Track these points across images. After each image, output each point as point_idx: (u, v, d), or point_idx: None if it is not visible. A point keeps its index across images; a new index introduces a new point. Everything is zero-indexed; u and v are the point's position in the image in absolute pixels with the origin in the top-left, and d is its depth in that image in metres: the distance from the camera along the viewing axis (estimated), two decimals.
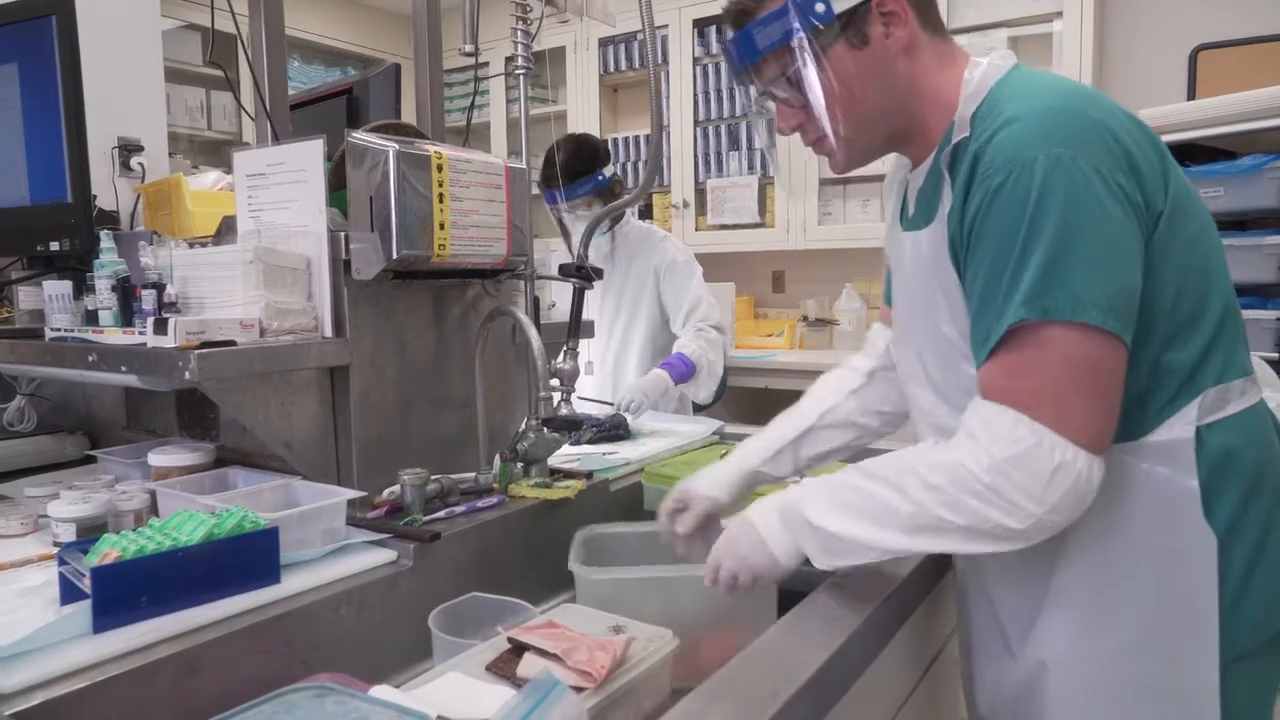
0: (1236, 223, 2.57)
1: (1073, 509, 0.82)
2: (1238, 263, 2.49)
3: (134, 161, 2.05)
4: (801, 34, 0.93)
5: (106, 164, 1.99)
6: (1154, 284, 0.86)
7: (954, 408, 0.95)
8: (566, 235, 2.32)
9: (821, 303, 3.78)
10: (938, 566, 1.10)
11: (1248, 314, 1.93)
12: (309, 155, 1.14)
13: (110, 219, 1.81)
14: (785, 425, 1.22)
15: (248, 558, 0.92)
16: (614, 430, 1.72)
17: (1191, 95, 3.06)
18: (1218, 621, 0.87)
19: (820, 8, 0.92)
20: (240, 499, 1.06)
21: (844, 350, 3.67)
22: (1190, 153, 2.60)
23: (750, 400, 3.52)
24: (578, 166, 2.17)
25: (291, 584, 0.96)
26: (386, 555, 1.06)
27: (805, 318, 3.78)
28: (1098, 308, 0.80)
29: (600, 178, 2.22)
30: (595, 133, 4.12)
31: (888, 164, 1.12)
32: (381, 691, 0.70)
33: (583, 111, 4.20)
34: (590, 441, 1.66)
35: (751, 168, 3.77)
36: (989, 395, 0.84)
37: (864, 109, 0.95)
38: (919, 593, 1.08)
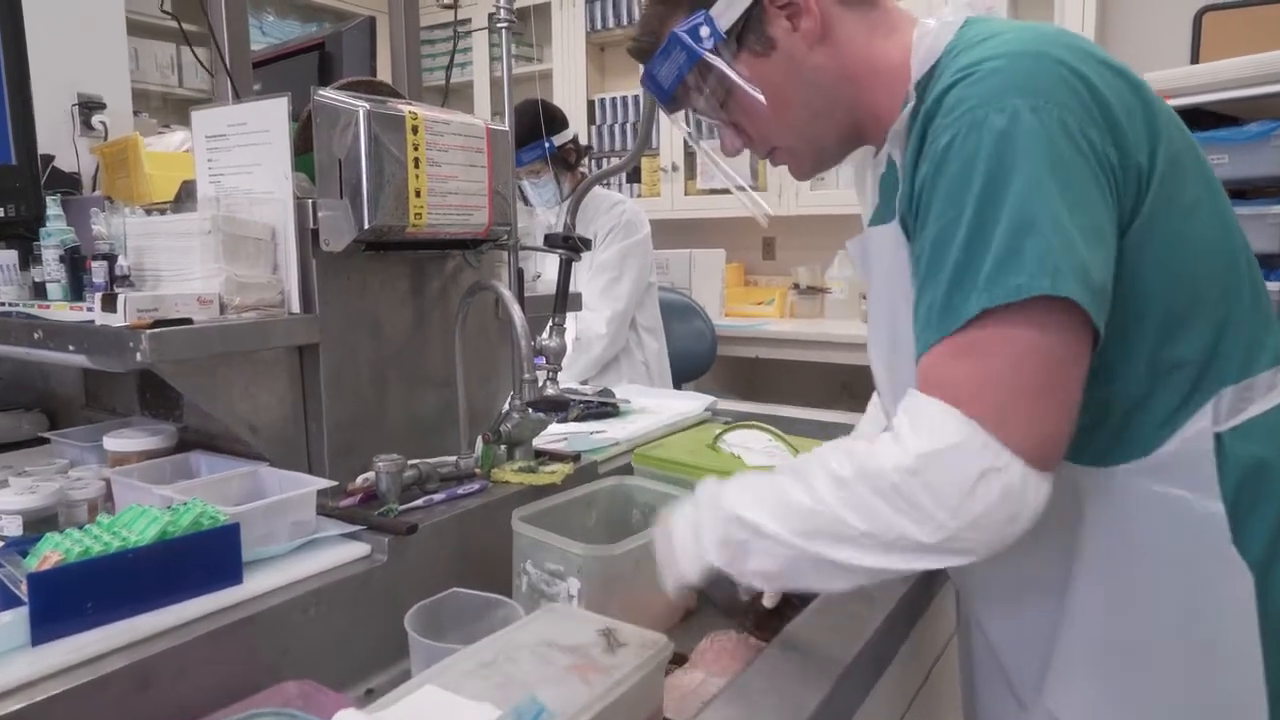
0: (1239, 191, 2.51)
1: (998, 531, 0.68)
2: None
3: (95, 120, 1.93)
4: (699, 61, 0.86)
5: (66, 123, 1.88)
6: (1140, 261, 0.74)
7: None
8: (528, 204, 2.25)
9: (813, 270, 3.71)
10: (926, 588, 1.02)
11: None
12: (272, 115, 1.05)
13: (71, 181, 1.71)
14: None
15: (206, 557, 0.85)
16: (601, 407, 1.65)
17: (1196, 59, 2.97)
18: (1262, 672, 0.74)
19: (705, 31, 0.85)
20: (201, 489, 0.99)
21: (835, 319, 3.61)
22: (1194, 118, 2.52)
23: (741, 370, 3.46)
24: (520, 133, 2.11)
25: (255, 583, 0.88)
26: (359, 549, 0.99)
27: (796, 285, 3.71)
28: (1068, 279, 0.66)
29: (547, 145, 2.15)
30: (581, 93, 4.01)
31: None
32: (346, 718, 0.63)
33: (568, 71, 4.07)
34: (577, 419, 1.59)
35: None
36: (925, 385, 0.72)
37: (791, 116, 0.87)
38: (908, 620, 0.99)
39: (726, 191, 3.92)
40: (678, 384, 2.77)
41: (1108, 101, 0.72)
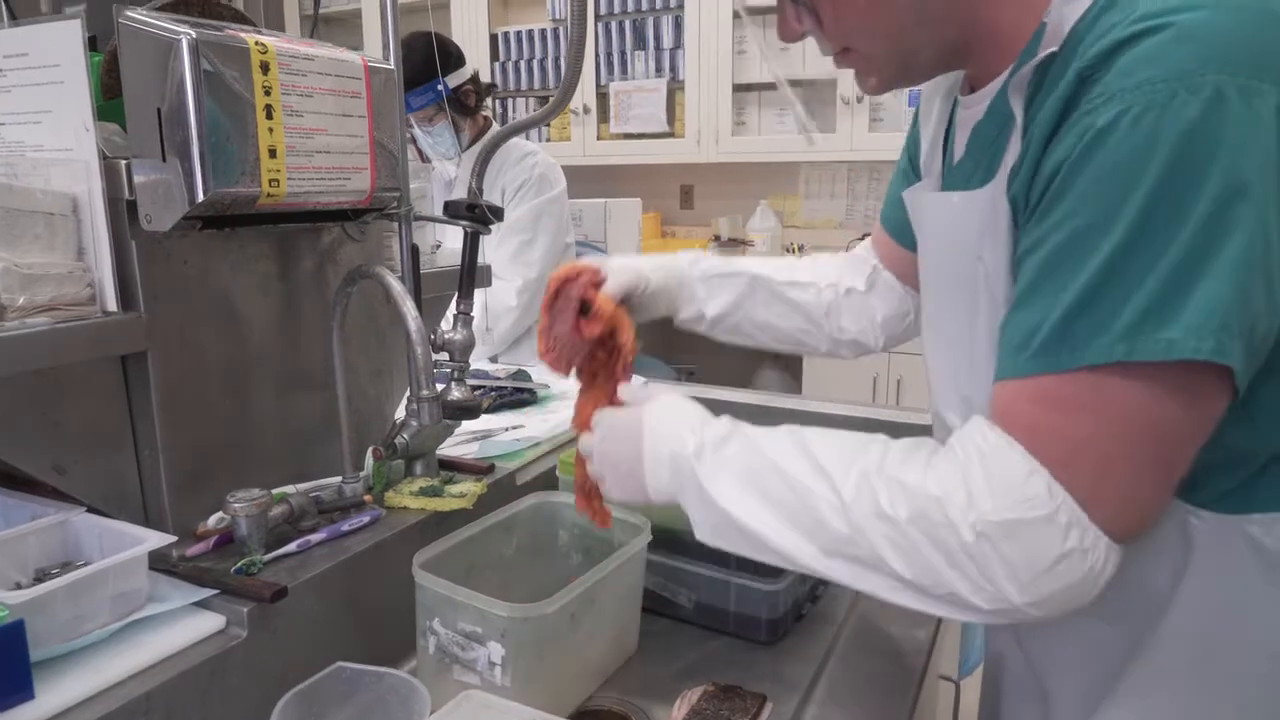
0: None
1: (1062, 607, 0.58)
2: None
3: None
4: None
5: None
6: None
7: None
8: (422, 157, 1.97)
9: (734, 221, 3.53)
10: None
11: None
12: (64, 43, 0.78)
13: None
14: (745, 260, 1.00)
15: None
16: (517, 393, 1.43)
17: None
18: None
19: None
20: None
21: None
22: None
23: (661, 330, 3.26)
24: (408, 73, 1.82)
25: (56, 694, 0.65)
26: (210, 623, 0.76)
27: (717, 237, 3.52)
28: (1234, 341, 0.52)
29: (440, 86, 1.87)
30: (483, 27, 3.66)
31: None
32: None
33: (467, 1, 3.71)
34: (489, 410, 1.37)
35: (659, 70, 3.41)
36: (1005, 423, 0.59)
37: (890, 16, 0.66)
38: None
39: (642, 136, 3.66)
40: None
41: None
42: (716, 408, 0.74)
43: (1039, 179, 0.58)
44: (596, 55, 3.48)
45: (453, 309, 1.07)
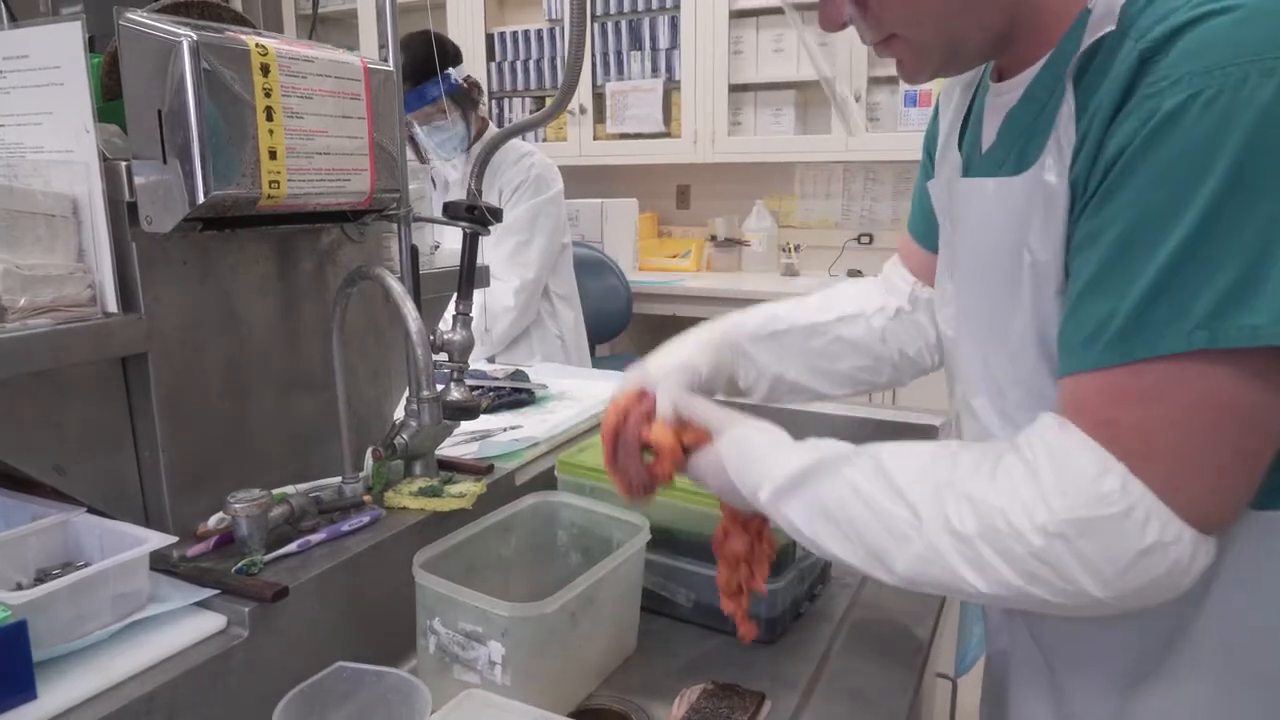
0: None
1: (1151, 600, 0.57)
2: None
3: None
4: None
5: None
6: None
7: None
8: (420, 154, 1.97)
9: (730, 221, 3.53)
10: None
11: None
12: (64, 45, 0.78)
13: None
14: (785, 309, 0.96)
15: None
16: (515, 394, 1.43)
17: None
18: None
19: None
20: None
21: (753, 273, 3.46)
22: None
23: (658, 330, 3.27)
24: (412, 70, 1.83)
25: (58, 693, 0.65)
26: (211, 623, 0.76)
27: (714, 237, 3.53)
28: None
29: (449, 81, 1.88)
30: (479, 27, 3.67)
31: None
32: None
33: (464, 2, 3.71)
34: (488, 410, 1.38)
35: (655, 70, 3.42)
36: (1077, 418, 0.58)
37: (934, 1, 0.65)
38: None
39: (639, 136, 3.67)
40: (592, 347, 2.57)
41: None
42: None
43: (1099, 163, 0.57)
44: (593, 55, 3.49)
45: (451, 309, 1.08)
